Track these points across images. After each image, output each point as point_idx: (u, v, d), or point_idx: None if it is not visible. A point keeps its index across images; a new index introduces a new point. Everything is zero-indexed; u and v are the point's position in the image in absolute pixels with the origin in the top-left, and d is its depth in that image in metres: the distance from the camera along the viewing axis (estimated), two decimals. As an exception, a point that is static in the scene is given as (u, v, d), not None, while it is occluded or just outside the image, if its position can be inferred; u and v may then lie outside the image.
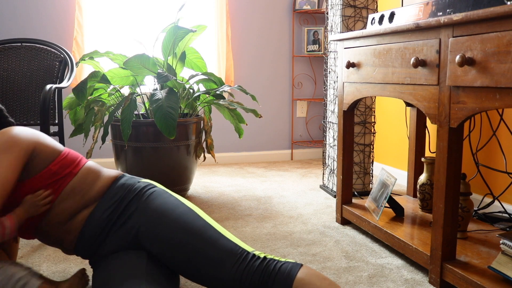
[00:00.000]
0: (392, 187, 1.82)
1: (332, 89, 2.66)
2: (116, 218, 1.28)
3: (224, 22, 3.39)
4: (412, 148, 2.25)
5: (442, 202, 1.41)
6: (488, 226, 1.81)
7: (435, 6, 1.49)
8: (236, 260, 1.16)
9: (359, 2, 2.51)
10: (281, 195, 2.65)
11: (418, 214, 1.96)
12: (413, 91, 1.52)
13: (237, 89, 2.50)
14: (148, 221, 1.25)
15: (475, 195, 2.27)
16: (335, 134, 2.63)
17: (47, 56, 2.43)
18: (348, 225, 2.10)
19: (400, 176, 2.90)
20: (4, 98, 2.37)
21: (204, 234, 1.20)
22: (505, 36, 1.13)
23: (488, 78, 1.18)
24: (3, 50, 2.43)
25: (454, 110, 1.34)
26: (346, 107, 2.01)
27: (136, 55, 2.24)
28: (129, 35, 3.28)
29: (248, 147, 3.71)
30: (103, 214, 1.28)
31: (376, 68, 1.72)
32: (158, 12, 3.33)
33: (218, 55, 3.44)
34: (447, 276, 1.41)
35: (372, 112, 2.58)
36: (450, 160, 1.39)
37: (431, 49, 1.41)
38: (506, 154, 2.05)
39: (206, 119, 2.54)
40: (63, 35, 3.22)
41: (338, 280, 1.52)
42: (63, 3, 3.20)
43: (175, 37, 2.37)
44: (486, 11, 1.15)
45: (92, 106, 2.37)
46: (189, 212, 1.26)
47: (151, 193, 1.31)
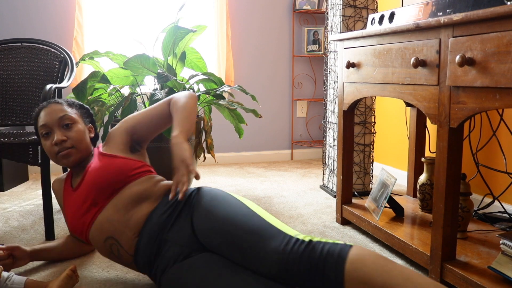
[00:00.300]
0: (392, 187, 1.82)
1: (332, 89, 2.66)
2: (173, 220, 1.32)
3: (224, 22, 3.39)
4: (412, 148, 2.25)
5: (442, 202, 1.41)
6: (488, 226, 1.81)
7: (435, 6, 1.49)
8: (279, 246, 1.10)
9: (359, 2, 2.51)
10: (281, 195, 2.65)
11: (418, 214, 1.96)
12: (413, 91, 1.52)
13: (237, 89, 2.50)
14: (200, 215, 1.28)
15: (475, 195, 2.27)
16: (335, 134, 2.62)
17: (47, 56, 2.43)
18: (348, 225, 2.10)
19: (400, 176, 2.90)
20: (4, 98, 2.37)
21: (249, 222, 1.19)
22: (505, 36, 1.13)
23: (488, 78, 1.18)
24: (3, 50, 2.43)
25: (454, 110, 1.34)
26: (346, 107, 2.01)
27: (136, 55, 2.24)
28: (129, 35, 3.28)
29: (248, 147, 3.71)
30: (160, 217, 1.33)
31: (376, 68, 1.72)
32: (158, 12, 3.33)
33: (218, 55, 3.44)
34: (447, 276, 1.41)
35: (372, 112, 2.58)
36: (450, 160, 1.39)
37: (431, 49, 1.41)
38: (506, 154, 2.05)
39: (206, 119, 2.54)
40: (63, 35, 3.22)
41: None
42: (63, 3, 3.20)
43: (175, 37, 2.37)
44: (486, 11, 1.15)
45: (92, 106, 2.37)
46: (235, 202, 1.28)
47: (201, 192, 1.37)
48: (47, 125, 1.48)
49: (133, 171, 1.40)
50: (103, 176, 1.37)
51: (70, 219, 1.42)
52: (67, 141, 1.46)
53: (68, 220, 1.45)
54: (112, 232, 1.33)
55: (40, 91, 2.40)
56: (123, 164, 1.40)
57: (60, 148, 1.45)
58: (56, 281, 1.33)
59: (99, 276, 1.55)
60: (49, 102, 1.53)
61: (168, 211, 1.34)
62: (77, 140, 1.48)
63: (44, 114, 1.49)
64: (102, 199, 1.36)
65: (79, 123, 1.52)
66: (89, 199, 1.37)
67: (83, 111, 1.61)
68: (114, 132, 1.50)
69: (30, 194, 2.69)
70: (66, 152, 1.46)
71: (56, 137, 1.45)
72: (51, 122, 1.47)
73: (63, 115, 1.49)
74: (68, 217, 1.44)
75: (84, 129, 1.53)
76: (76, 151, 1.48)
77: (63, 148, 1.46)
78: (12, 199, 2.57)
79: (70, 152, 1.46)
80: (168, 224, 1.32)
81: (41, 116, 1.50)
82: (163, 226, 1.31)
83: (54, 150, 1.46)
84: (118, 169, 1.39)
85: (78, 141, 1.48)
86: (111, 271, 1.58)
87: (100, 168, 1.39)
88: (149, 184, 1.40)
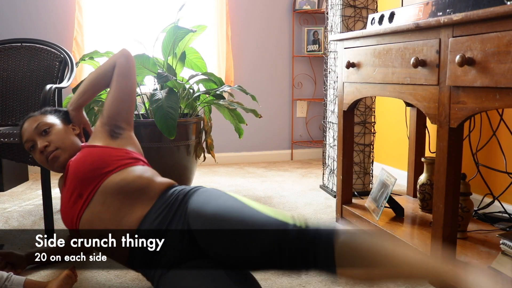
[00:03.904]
0: (392, 187, 1.82)
1: (332, 89, 2.66)
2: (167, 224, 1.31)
3: (224, 22, 3.39)
4: (412, 148, 2.25)
5: (442, 202, 1.41)
6: (488, 226, 1.81)
7: (435, 6, 1.49)
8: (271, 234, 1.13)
9: (359, 2, 2.51)
10: (281, 195, 2.65)
11: (418, 214, 1.96)
12: (413, 91, 1.52)
13: (237, 89, 2.50)
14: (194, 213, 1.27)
15: (475, 195, 2.27)
16: (335, 134, 2.62)
17: (47, 56, 2.43)
18: (348, 225, 2.10)
19: (400, 176, 2.90)
20: (4, 98, 2.37)
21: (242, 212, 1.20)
22: (505, 36, 1.12)
23: (488, 78, 1.18)
24: (3, 50, 2.43)
25: (454, 110, 1.34)
26: (346, 107, 2.01)
27: (136, 55, 2.24)
28: (129, 35, 3.28)
29: (248, 147, 3.71)
30: (153, 222, 1.31)
31: (376, 68, 1.72)
32: (158, 12, 3.33)
33: (218, 55, 3.44)
34: (447, 276, 1.41)
35: (372, 112, 2.58)
36: (450, 160, 1.39)
37: (431, 49, 1.41)
38: (506, 154, 2.05)
39: (206, 119, 2.54)
40: (63, 35, 3.22)
41: (338, 280, 1.52)
42: (63, 3, 3.20)
43: (175, 37, 2.37)
44: (486, 11, 1.15)
45: (92, 106, 2.37)
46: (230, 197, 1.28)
47: (195, 192, 1.35)
48: (29, 139, 1.52)
49: (113, 158, 1.41)
50: (81, 165, 1.39)
51: (63, 214, 1.45)
52: (49, 145, 1.49)
53: (61, 215, 1.47)
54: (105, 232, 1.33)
55: (40, 91, 2.40)
56: (102, 152, 1.43)
57: (46, 153, 1.48)
58: (55, 281, 1.33)
59: (99, 276, 1.55)
60: (24, 121, 1.58)
61: (162, 214, 1.31)
62: (58, 140, 1.50)
63: (23, 131, 1.55)
64: (86, 190, 1.36)
65: (56, 125, 1.54)
66: (75, 191, 1.38)
67: (60, 114, 1.63)
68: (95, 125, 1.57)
69: (30, 194, 2.69)
70: (53, 155, 1.48)
71: (39, 145, 1.49)
72: (30, 135, 1.51)
73: (37, 123, 1.52)
74: (61, 212, 1.46)
75: (63, 129, 1.55)
76: (62, 151, 1.49)
77: (48, 153, 1.48)
78: (12, 199, 2.57)
79: (56, 154, 1.48)
80: (163, 227, 1.30)
81: (22, 134, 1.55)
82: (157, 231, 1.30)
83: (43, 158, 1.49)
84: (96, 156, 1.41)
85: (60, 141, 1.50)
86: (111, 271, 1.58)
87: (80, 158, 1.42)
88: (142, 181, 1.38)
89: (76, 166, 1.40)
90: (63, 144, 1.50)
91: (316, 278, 1.53)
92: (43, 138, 1.50)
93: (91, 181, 1.36)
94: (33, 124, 1.52)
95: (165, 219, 1.31)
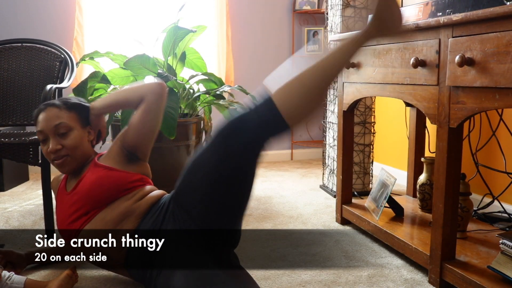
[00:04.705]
0: (392, 187, 1.82)
1: (332, 89, 2.66)
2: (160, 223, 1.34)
3: (224, 22, 3.39)
4: (412, 148, 2.25)
5: (441, 202, 1.41)
6: (488, 226, 1.81)
7: (434, 6, 1.49)
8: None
9: (359, 2, 2.51)
10: (281, 195, 2.65)
11: (417, 214, 1.96)
12: (412, 91, 1.52)
13: (237, 89, 2.50)
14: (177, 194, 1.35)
15: (474, 195, 2.27)
16: (335, 134, 2.63)
17: (47, 56, 2.43)
18: (348, 225, 2.10)
19: (400, 176, 2.90)
20: (4, 98, 2.37)
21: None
22: (505, 36, 1.13)
23: (487, 78, 1.18)
24: (3, 50, 2.43)
25: (454, 110, 1.34)
26: (346, 107, 2.02)
27: (137, 55, 2.25)
28: (129, 35, 3.28)
29: (248, 147, 3.70)
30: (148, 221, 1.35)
31: (376, 68, 1.72)
32: (158, 12, 3.33)
33: (218, 55, 3.44)
34: (447, 276, 1.41)
35: (372, 112, 2.58)
36: (450, 160, 1.39)
37: (430, 49, 1.41)
38: (506, 154, 2.05)
39: (206, 119, 2.55)
40: (63, 35, 3.22)
41: (338, 279, 1.52)
42: (63, 3, 3.20)
43: (175, 37, 2.37)
44: (485, 11, 1.16)
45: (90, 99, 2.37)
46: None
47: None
48: (43, 132, 1.47)
49: (128, 185, 1.42)
50: (97, 188, 1.38)
51: (59, 220, 1.46)
52: (62, 150, 1.46)
53: (56, 217, 1.48)
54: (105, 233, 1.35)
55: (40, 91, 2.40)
56: (119, 178, 1.41)
57: (55, 156, 1.46)
58: (56, 281, 1.34)
59: (99, 276, 1.55)
60: (47, 105, 1.50)
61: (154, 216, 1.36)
62: (72, 148, 1.47)
63: (41, 118, 1.48)
64: (94, 210, 1.38)
65: (75, 129, 1.49)
66: (82, 208, 1.38)
67: (82, 112, 1.55)
68: (112, 143, 1.54)
69: (31, 194, 2.69)
70: (61, 161, 1.46)
71: (51, 145, 1.45)
72: (47, 129, 1.46)
73: (59, 123, 1.46)
74: (57, 215, 1.47)
75: (81, 135, 1.50)
76: (71, 159, 1.47)
77: (58, 157, 1.46)
78: (12, 199, 2.58)
79: (65, 161, 1.46)
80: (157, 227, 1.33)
81: (39, 120, 1.48)
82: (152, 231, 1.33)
83: (50, 157, 1.48)
84: (113, 183, 1.40)
85: (73, 149, 1.47)
86: (111, 271, 1.59)
87: (96, 180, 1.40)
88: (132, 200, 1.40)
89: (92, 188, 1.39)
90: (75, 153, 1.47)
91: (316, 278, 1.54)
92: (58, 139, 1.45)
93: (103, 203, 1.38)
94: (54, 120, 1.46)
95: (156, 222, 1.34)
